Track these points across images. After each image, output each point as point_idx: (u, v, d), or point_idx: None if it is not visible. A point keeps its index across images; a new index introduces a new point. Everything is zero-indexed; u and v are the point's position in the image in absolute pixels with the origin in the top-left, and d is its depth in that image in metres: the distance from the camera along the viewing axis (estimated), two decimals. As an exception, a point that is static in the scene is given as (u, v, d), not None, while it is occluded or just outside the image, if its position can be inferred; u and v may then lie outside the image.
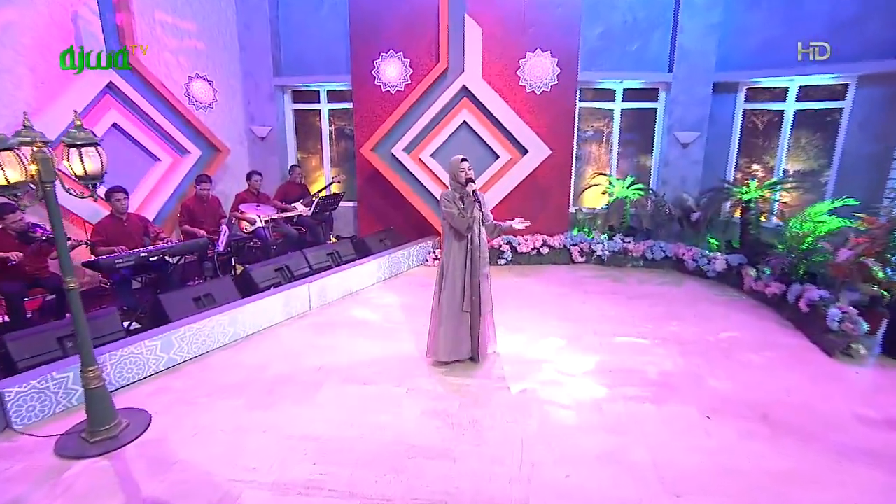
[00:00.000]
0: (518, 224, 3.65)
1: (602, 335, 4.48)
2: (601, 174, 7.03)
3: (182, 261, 5.28)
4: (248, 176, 6.47)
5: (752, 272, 5.46)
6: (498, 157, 6.26)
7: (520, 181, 6.27)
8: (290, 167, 7.18)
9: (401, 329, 4.64)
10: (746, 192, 5.94)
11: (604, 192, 6.95)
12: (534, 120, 6.37)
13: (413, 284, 5.86)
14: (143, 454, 2.95)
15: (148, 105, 5.69)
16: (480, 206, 3.61)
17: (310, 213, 6.50)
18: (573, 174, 6.97)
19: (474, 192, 3.52)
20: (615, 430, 3.21)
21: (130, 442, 3.01)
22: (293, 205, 6.95)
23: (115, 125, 5.48)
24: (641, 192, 6.65)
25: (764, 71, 6.20)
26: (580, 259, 6.54)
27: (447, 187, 3.70)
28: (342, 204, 7.59)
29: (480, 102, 6.15)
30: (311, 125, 7.82)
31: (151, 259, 4.53)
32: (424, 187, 6.46)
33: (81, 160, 2.55)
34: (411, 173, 6.47)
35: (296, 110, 7.73)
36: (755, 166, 6.67)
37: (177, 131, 6.03)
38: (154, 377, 3.82)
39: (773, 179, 6.14)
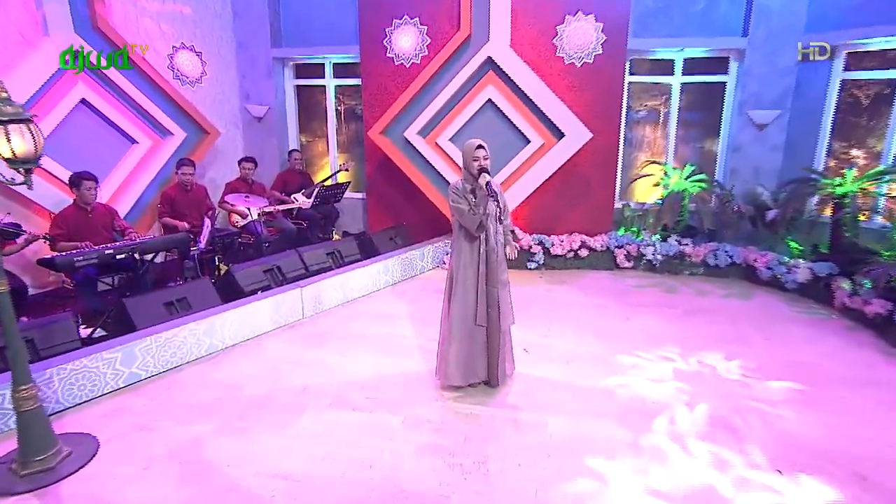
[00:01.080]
0: (509, 248, 3.59)
1: (645, 357, 4.20)
2: (654, 162, 6.73)
3: (163, 259, 5.25)
4: (240, 162, 6.44)
5: (847, 285, 5.02)
6: (529, 141, 6.03)
7: (554, 171, 6.03)
8: (289, 152, 7.15)
9: (407, 344, 4.48)
10: (841, 185, 5.46)
11: (657, 185, 6.63)
12: (573, 97, 6.13)
13: (427, 290, 5.71)
14: (81, 492, 2.80)
15: (123, 79, 5.63)
16: (497, 202, 3.38)
17: (309, 205, 6.36)
18: (620, 162, 6.71)
19: (488, 184, 3.28)
20: (655, 480, 2.90)
21: (69, 476, 2.88)
22: (293, 196, 6.90)
23: (83, 101, 5.43)
24: (703, 185, 6.31)
25: (872, 29, 5.60)
26: (626, 264, 6.27)
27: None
28: (351, 195, 7.58)
29: (509, 77, 5.94)
30: (316, 104, 7.74)
31: (118, 257, 4.44)
32: (442, 177, 6.31)
33: (8, 139, 2.41)
34: (427, 161, 6.32)
35: (298, 87, 7.66)
36: (854, 152, 6.13)
37: (157, 110, 5.98)
38: (111, 395, 3.71)
39: (880, 167, 5.56)
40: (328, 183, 7.02)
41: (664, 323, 4.86)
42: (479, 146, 3.39)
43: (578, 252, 6.31)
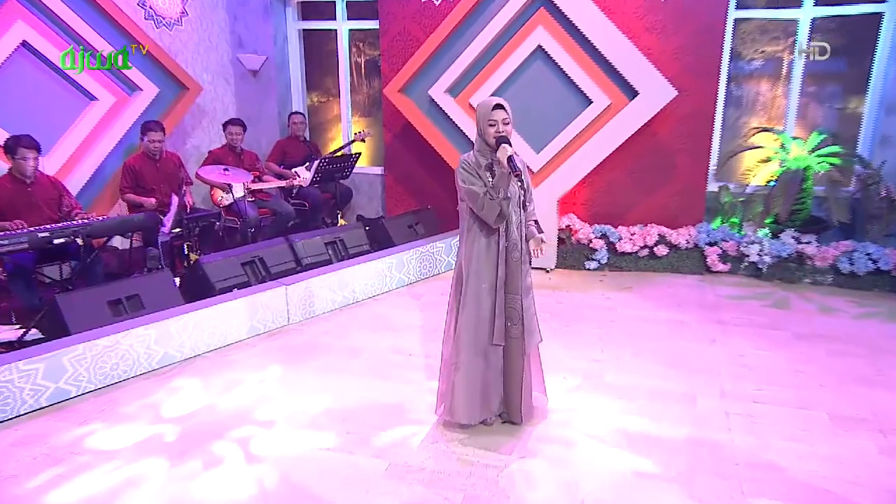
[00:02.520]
0: (533, 242, 3.42)
1: (736, 399, 3.81)
2: (766, 130, 6.29)
3: (129, 246, 5.22)
4: (225, 126, 6.44)
5: None
6: (591, 102, 5.75)
7: (624, 140, 5.72)
8: (290, 115, 7.11)
9: (411, 363, 4.33)
10: None
11: (766, 160, 6.18)
12: (653, 42, 5.79)
13: (449, 293, 5.45)
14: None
15: (76, 18, 5.58)
16: (521, 182, 3.15)
17: (308, 181, 6.31)
18: (718, 131, 6.34)
19: (510, 158, 3.02)
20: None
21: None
22: (294, 170, 6.84)
23: (25, 44, 5.39)
24: (837, 161, 5.82)
25: None
26: (720, 267, 5.94)
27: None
28: (369, 171, 7.55)
29: (565, 15, 5.66)
30: (329, 54, 7.68)
31: (56, 241, 4.40)
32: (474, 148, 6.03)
33: None
34: (458, 127, 6.14)
35: (304, 31, 7.61)
36: None
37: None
38: (28, 417, 3.65)
39: None
40: (340, 154, 6.90)
41: (766, 350, 4.46)
42: (498, 105, 3.13)
43: (655, 249, 6.01)
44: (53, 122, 5.66)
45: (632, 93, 5.61)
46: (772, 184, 6.05)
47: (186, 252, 5.44)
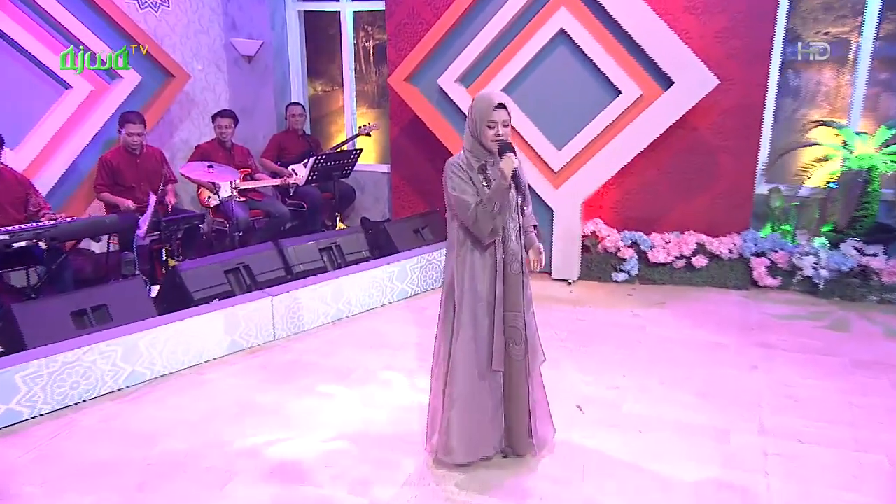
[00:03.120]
0: (532, 252, 3.35)
1: (777, 437, 3.64)
2: (825, 124, 6.12)
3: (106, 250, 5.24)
4: (214, 118, 6.46)
5: None
6: (620, 92, 5.63)
7: (656, 136, 5.58)
8: (287, 106, 7.12)
9: (407, 385, 4.26)
10: None
11: (824, 159, 6.01)
12: (693, 24, 5.65)
13: None
14: None
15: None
16: (518, 187, 3.11)
17: (303, 180, 6.30)
18: (767, 124, 6.15)
19: (515, 174, 3.02)
20: None
21: None
22: (291, 167, 6.84)
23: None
24: None
25: None
26: (769, 281, 5.79)
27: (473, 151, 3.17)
28: (376, 169, 7.53)
29: None
30: (333, 39, 7.68)
31: (16, 245, 4.40)
32: None
33: None
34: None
35: (305, 14, 7.64)
36: None
37: (99, 42, 5.94)
38: (-26, 440, 3.65)
39: None
40: (340, 150, 6.90)
41: (817, 379, 4.27)
42: (500, 105, 3.03)
43: (692, 260, 5.86)
44: (22, 112, 5.67)
45: (666, 82, 5.47)
46: (831, 186, 5.88)
47: (165, 257, 5.41)
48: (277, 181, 6.50)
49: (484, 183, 3.03)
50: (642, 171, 6.01)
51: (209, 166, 5.61)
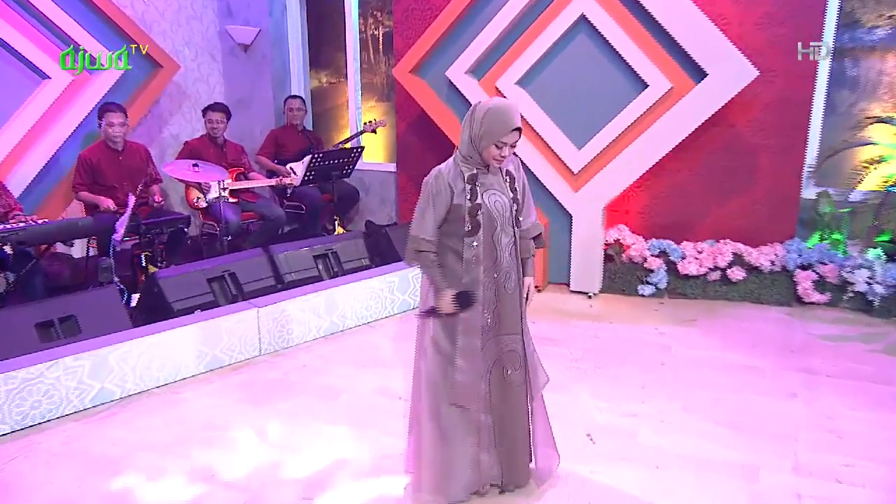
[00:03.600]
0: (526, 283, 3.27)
1: (814, 477, 3.48)
2: (881, 120, 5.94)
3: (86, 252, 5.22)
4: (204, 112, 6.48)
5: None
6: (647, 85, 5.51)
7: (687, 134, 5.46)
8: (286, 100, 7.13)
9: (399, 409, 4.16)
10: None
11: (879, 161, 5.82)
12: (730, 8, 5.52)
13: None
14: None
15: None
16: (514, 193, 3.08)
17: (298, 180, 6.31)
18: (816, 121, 5.98)
19: (507, 172, 3.06)
20: None
21: None
22: (289, 166, 6.84)
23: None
24: None
25: None
26: (815, 297, 5.63)
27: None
28: (384, 168, 7.52)
29: None
30: (338, 26, 7.67)
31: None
32: None
33: None
34: None
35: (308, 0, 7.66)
36: None
37: (80, 30, 5.96)
38: (-80, 463, 3.63)
39: None
40: (341, 148, 6.87)
41: (866, 411, 4.08)
42: (517, 128, 2.92)
43: (728, 272, 5.71)
44: (-1, 102, 5.75)
45: (699, 73, 5.34)
46: (889, 190, 5.70)
47: (145, 263, 5.40)
48: (272, 181, 6.48)
49: (468, 196, 2.95)
50: (673, 173, 5.89)
51: (194, 165, 5.59)
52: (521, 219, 3.08)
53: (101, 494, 3.38)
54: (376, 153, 7.53)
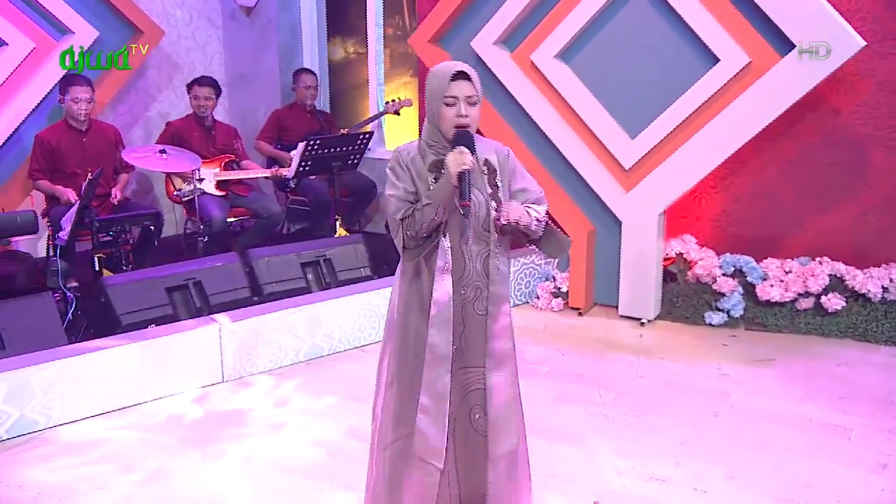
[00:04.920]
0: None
1: None
2: None
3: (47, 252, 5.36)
4: (189, 87, 6.60)
5: None
6: (717, 60, 5.35)
7: (769, 122, 5.26)
8: (295, 74, 7.21)
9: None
10: None
11: None
12: None
13: None
14: None
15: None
16: (495, 193, 2.96)
17: (292, 171, 6.34)
18: None
19: (462, 176, 2.76)
20: None
21: None
22: (293, 153, 6.84)
23: None
24: None
25: None
26: None
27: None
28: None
29: None
30: None
31: None
32: (538, 128, 5.98)
33: None
34: (511, 96, 5.97)
35: None
36: None
37: None
38: None
39: None
40: (367, 130, 6.94)
41: None
42: (460, 74, 2.83)
43: (823, 300, 5.44)
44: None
45: (785, 45, 5.11)
46: None
47: (99, 268, 5.48)
48: (266, 172, 6.58)
49: (432, 184, 2.86)
50: (757, 171, 5.71)
51: (161, 151, 5.70)
52: (501, 219, 2.92)
53: None
54: (401, 139, 7.47)
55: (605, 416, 4.42)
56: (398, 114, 7.10)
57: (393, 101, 6.99)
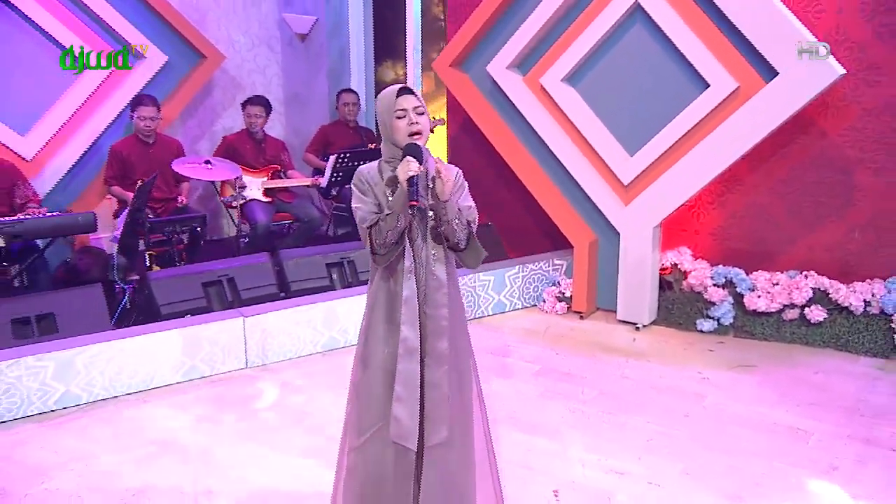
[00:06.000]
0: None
1: None
2: None
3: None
4: (244, 106, 6.68)
5: None
6: (708, 85, 5.17)
7: (753, 143, 5.08)
8: (339, 94, 7.26)
9: None
10: None
11: None
12: None
13: (498, 345, 5.39)
14: None
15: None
16: (435, 201, 2.89)
17: (325, 182, 6.38)
18: None
19: (412, 181, 2.74)
20: None
21: None
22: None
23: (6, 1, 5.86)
24: None
25: None
26: None
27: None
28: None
29: None
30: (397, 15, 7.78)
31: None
32: (547, 148, 5.86)
33: None
34: (522, 117, 5.89)
35: None
36: None
37: (115, 14, 6.25)
38: None
39: None
40: (373, 147, 6.88)
41: None
42: (404, 90, 2.83)
43: (806, 312, 5.21)
44: (35, 95, 6.12)
45: (771, 72, 4.92)
46: None
47: (149, 264, 5.62)
48: (307, 181, 6.61)
49: (389, 198, 2.85)
50: (751, 189, 5.51)
51: (206, 162, 5.77)
52: (441, 216, 2.88)
53: (14, 500, 3.49)
54: (439, 153, 7.40)
55: (583, 412, 4.31)
56: (432, 131, 7.05)
57: (433, 119, 6.94)
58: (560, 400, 4.47)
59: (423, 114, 2.85)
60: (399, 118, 2.81)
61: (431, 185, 2.86)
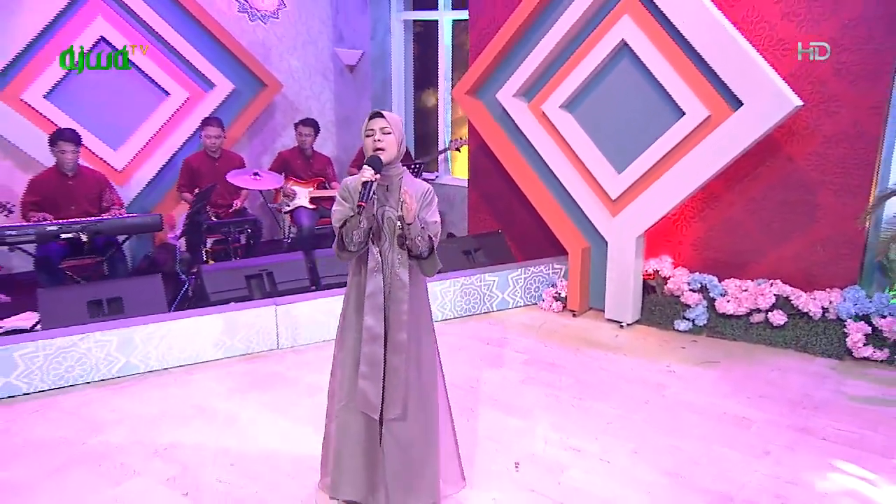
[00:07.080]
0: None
1: None
2: None
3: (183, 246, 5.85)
4: (296, 126, 6.85)
5: None
6: (683, 113, 5.10)
7: (722, 165, 5.02)
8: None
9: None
10: None
11: None
12: (791, 33, 5.03)
13: (497, 337, 5.41)
14: None
15: (153, 14, 6.39)
16: (399, 209, 3.02)
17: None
18: (893, 158, 5.19)
19: (365, 184, 2.89)
20: None
21: None
22: None
23: (103, 39, 6.28)
24: None
25: None
26: (867, 352, 4.93)
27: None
28: (464, 184, 7.41)
29: (655, 3, 5.06)
30: (454, 48, 7.81)
31: (63, 236, 5.07)
32: (547, 167, 5.85)
33: None
34: (526, 138, 5.90)
35: (412, 23, 7.84)
36: None
37: (192, 50, 6.60)
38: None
39: None
40: (420, 160, 7.02)
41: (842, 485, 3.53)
42: (376, 114, 3.05)
43: (770, 315, 5.15)
44: (128, 116, 6.53)
45: (737, 101, 4.83)
46: None
47: (206, 259, 5.88)
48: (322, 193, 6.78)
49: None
50: (726, 206, 5.45)
51: (255, 174, 6.01)
52: (404, 227, 2.99)
53: (70, 452, 3.75)
54: (461, 170, 7.58)
55: (557, 397, 4.37)
56: (459, 150, 7.17)
57: (455, 139, 7.07)
58: (539, 386, 4.52)
59: (389, 133, 2.98)
60: (367, 136, 2.99)
61: (403, 202, 2.97)
